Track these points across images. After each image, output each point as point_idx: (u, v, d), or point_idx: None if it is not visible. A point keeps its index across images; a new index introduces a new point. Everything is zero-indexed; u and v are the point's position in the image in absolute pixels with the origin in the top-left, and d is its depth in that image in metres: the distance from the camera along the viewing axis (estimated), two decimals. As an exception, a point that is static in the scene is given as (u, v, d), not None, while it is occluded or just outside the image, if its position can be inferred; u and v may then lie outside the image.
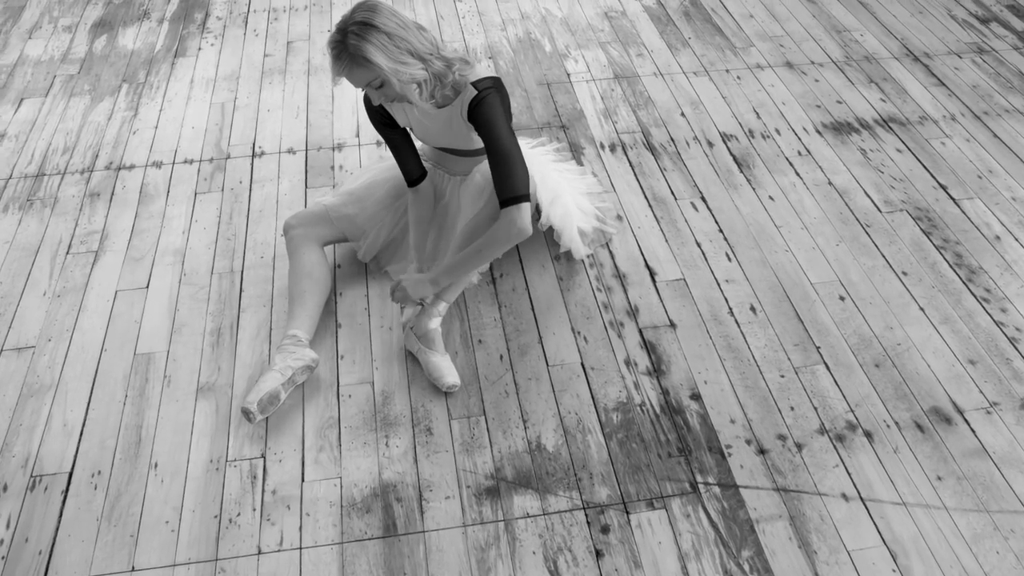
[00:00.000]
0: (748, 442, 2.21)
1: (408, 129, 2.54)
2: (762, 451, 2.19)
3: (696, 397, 2.33)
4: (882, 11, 4.12)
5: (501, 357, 2.45)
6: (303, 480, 2.15)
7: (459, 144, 2.52)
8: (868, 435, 2.22)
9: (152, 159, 3.23)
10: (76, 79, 3.72)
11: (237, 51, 3.90)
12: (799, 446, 2.20)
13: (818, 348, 2.45)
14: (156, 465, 2.19)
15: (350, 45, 2.10)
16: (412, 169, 2.57)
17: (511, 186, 2.26)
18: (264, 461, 2.19)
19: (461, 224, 2.52)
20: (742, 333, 2.50)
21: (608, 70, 3.71)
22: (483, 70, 2.34)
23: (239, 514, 2.08)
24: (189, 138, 3.34)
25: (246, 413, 2.21)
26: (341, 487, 2.13)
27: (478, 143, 2.51)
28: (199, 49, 3.92)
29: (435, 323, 2.41)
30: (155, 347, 2.49)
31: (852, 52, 3.81)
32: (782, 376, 2.38)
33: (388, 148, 2.65)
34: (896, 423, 2.25)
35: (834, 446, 2.20)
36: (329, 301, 2.61)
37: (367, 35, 2.10)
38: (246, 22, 4.13)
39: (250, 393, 2.24)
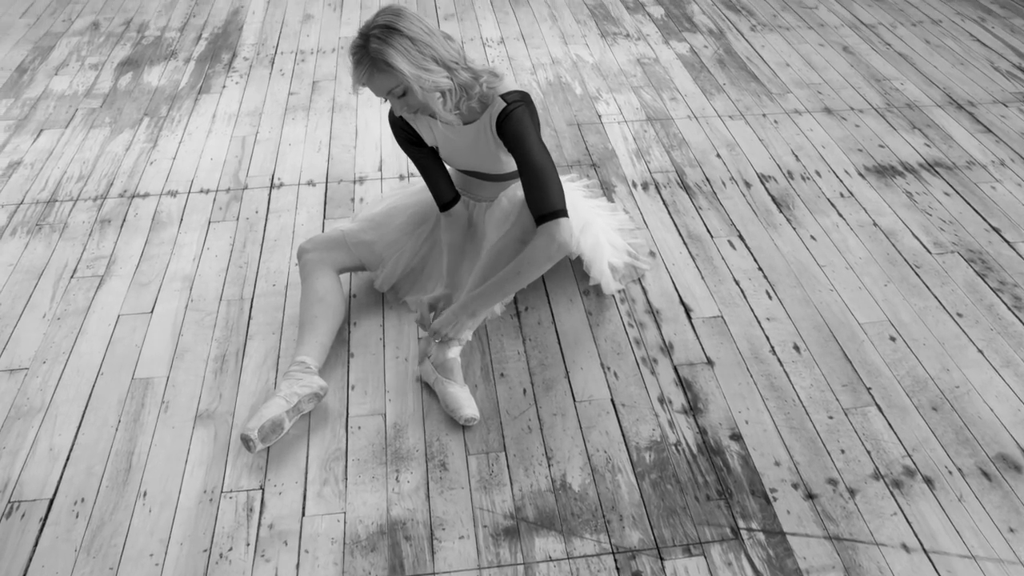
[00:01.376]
0: (795, 486, 2.00)
1: (435, 149, 2.41)
2: (811, 496, 1.97)
3: (737, 437, 2.12)
4: (922, 62, 4.00)
5: (524, 391, 2.27)
6: (304, 514, 1.95)
7: (486, 167, 2.38)
8: (928, 481, 2.00)
9: (168, 188, 3.13)
10: (98, 112, 3.66)
11: (262, 89, 3.83)
12: (852, 491, 1.98)
13: (869, 389, 2.25)
14: (145, 494, 2.00)
15: (372, 49, 1.99)
16: (444, 191, 2.42)
17: (548, 201, 2.12)
18: (262, 493, 2.01)
19: (486, 249, 2.37)
20: (785, 372, 2.31)
21: (640, 112, 3.60)
22: (511, 83, 2.22)
23: (231, 549, 1.88)
24: (207, 169, 3.24)
25: (245, 441, 2.03)
26: (345, 523, 1.93)
27: (506, 167, 2.37)
28: (223, 87, 3.86)
29: (454, 352, 2.24)
30: (155, 372, 2.33)
31: (893, 100, 3.68)
32: (830, 417, 2.17)
33: (418, 171, 2.50)
34: (959, 469, 2.03)
35: (891, 492, 1.98)
36: (342, 330, 2.45)
37: (390, 39, 1.99)
38: (272, 63, 4.08)
39: (251, 419, 2.06)
